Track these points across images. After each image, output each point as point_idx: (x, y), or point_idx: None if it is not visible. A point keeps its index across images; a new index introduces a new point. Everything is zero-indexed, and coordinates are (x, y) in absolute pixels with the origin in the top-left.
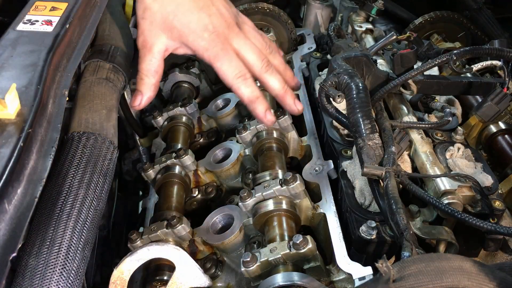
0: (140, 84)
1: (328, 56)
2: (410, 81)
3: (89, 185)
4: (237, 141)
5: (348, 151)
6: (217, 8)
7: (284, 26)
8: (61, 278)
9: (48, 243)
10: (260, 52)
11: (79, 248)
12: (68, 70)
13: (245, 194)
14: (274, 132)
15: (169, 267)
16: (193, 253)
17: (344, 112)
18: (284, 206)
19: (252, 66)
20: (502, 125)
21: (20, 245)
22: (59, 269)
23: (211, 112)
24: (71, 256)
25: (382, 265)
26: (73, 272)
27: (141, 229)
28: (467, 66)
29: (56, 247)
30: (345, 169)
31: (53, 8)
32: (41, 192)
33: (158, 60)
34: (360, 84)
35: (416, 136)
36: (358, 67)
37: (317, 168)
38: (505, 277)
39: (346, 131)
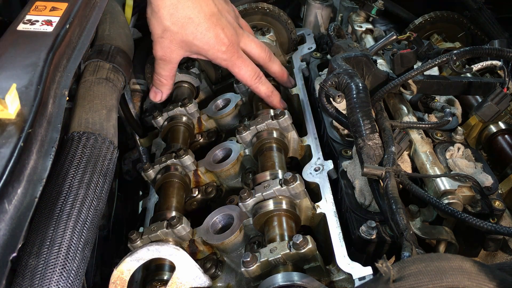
0: (161, 86)
1: (328, 56)
2: (410, 81)
3: (89, 185)
4: (237, 141)
5: (348, 151)
6: (226, 19)
7: (284, 26)
8: (61, 278)
9: (48, 243)
10: (260, 43)
11: (79, 248)
12: (68, 70)
13: (245, 194)
14: (274, 132)
15: (169, 267)
16: (193, 253)
17: (344, 112)
18: (284, 206)
19: (259, 58)
20: (502, 125)
21: (20, 245)
22: (59, 269)
23: (211, 112)
24: (71, 256)
25: (382, 265)
26: (73, 272)
27: (141, 229)
28: (467, 66)
29: (56, 247)
30: (345, 169)
31: (53, 8)
32: (41, 192)
33: (176, 67)
34: (360, 84)
35: (416, 136)
36: (358, 67)
37: (317, 168)
38: (505, 277)
39: (346, 131)
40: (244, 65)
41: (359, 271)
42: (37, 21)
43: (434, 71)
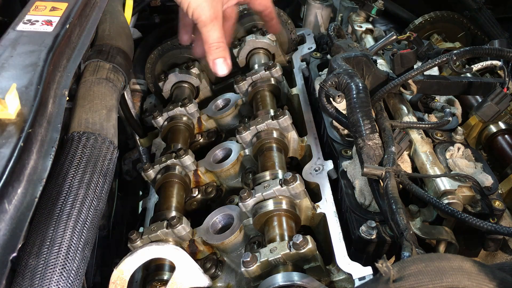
0: (223, 51)
1: (328, 56)
2: (410, 81)
3: (89, 185)
4: (237, 141)
5: (348, 151)
6: None
7: (284, 26)
8: (61, 278)
9: (48, 243)
10: None
11: (79, 248)
12: (68, 70)
13: (245, 194)
14: (274, 132)
15: (169, 267)
16: (193, 253)
17: (344, 112)
18: (284, 206)
19: None
20: (502, 125)
21: (20, 245)
22: (59, 269)
23: (211, 112)
24: (71, 256)
25: (382, 265)
26: (73, 272)
27: (141, 229)
28: (467, 66)
29: (56, 247)
30: (345, 169)
31: (53, 8)
32: (41, 192)
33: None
34: (360, 84)
35: (416, 136)
36: (358, 67)
37: (317, 168)
38: (505, 277)
39: (346, 131)
40: None
41: (359, 271)
42: (37, 21)
43: (434, 71)
